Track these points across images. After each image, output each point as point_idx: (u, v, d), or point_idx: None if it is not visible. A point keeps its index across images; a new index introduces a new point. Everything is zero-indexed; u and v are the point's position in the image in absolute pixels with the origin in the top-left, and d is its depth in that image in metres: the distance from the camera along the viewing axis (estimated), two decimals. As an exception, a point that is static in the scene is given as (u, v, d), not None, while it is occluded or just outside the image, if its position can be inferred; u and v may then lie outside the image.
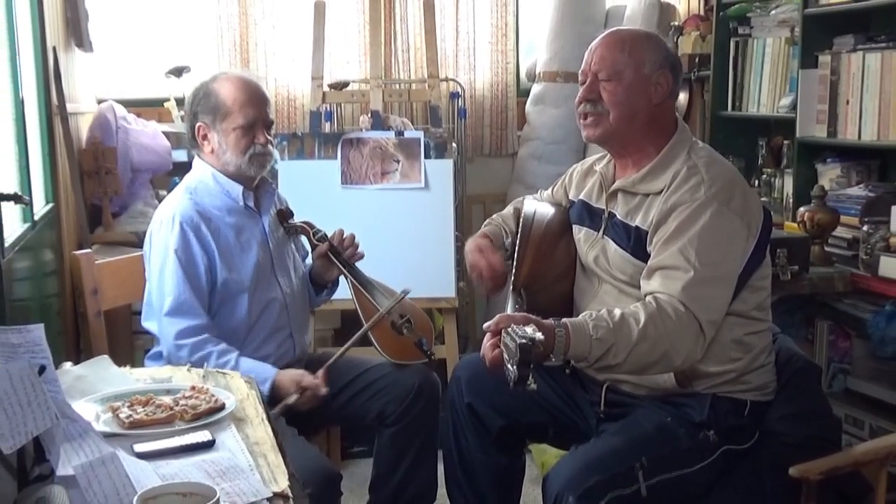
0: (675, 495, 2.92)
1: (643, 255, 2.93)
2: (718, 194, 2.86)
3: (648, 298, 2.78)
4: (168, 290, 3.34)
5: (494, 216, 3.57)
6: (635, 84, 3.00)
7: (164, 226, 3.39)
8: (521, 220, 3.29)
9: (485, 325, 2.66)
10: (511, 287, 3.11)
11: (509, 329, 2.49)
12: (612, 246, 3.06)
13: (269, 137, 3.50)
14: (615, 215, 3.08)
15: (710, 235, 2.81)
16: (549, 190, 3.53)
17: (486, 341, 2.64)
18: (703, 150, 3.04)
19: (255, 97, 3.47)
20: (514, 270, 3.14)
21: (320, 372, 3.39)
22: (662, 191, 2.94)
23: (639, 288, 2.91)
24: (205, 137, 3.47)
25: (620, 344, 2.66)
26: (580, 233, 3.23)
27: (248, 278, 3.45)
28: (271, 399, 3.26)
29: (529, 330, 2.45)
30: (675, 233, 2.84)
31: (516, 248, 3.20)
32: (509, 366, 2.46)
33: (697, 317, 2.73)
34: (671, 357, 2.73)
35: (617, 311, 2.71)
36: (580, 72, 3.11)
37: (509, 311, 2.91)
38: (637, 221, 2.99)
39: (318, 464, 3.12)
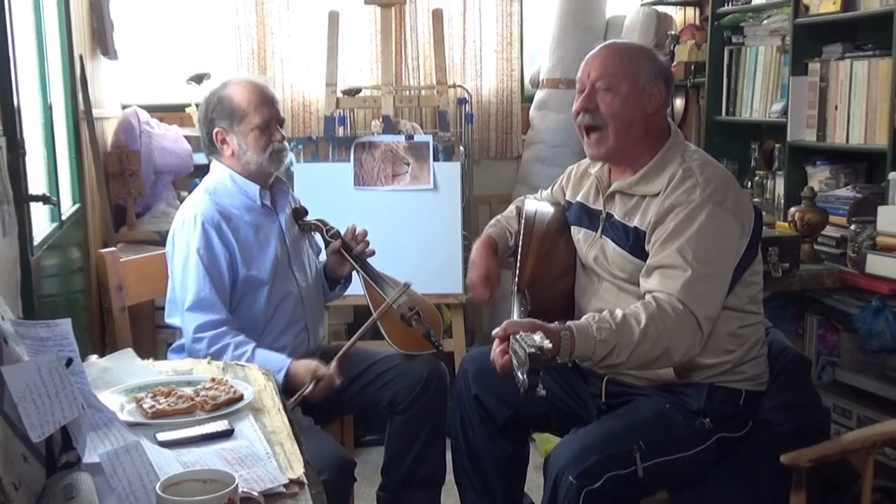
0: (671, 478, 2.93)
1: (642, 254, 2.93)
2: (713, 195, 2.86)
3: (648, 297, 2.78)
4: (190, 286, 3.34)
5: (499, 217, 3.56)
6: (631, 95, 2.98)
7: (186, 225, 3.39)
8: (523, 220, 3.28)
9: (493, 333, 2.65)
10: (515, 288, 3.10)
11: (518, 336, 2.49)
12: (610, 245, 3.05)
13: (283, 133, 3.51)
14: (613, 216, 3.07)
15: (707, 235, 2.81)
16: (549, 189, 3.52)
17: (496, 347, 2.65)
18: (696, 153, 3.04)
19: (266, 97, 3.47)
20: (517, 272, 3.14)
21: (333, 363, 3.38)
22: (659, 193, 2.93)
23: (638, 285, 2.91)
24: (223, 141, 3.47)
25: (623, 344, 2.67)
26: (579, 233, 3.22)
27: (267, 273, 3.45)
28: (286, 388, 3.26)
29: (537, 338, 2.45)
30: (673, 233, 2.84)
31: (519, 249, 3.20)
32: (519, 374, 2.46)
33: (695, 313, 2.74)
34: (671, 353, 2.74)
35: (619, 313, 2.72)
36: (577, 80, 3.10)
37: (515, 313, 2.94)
38: (635, 222, 2.98)
39: (332, 451, 3.11)
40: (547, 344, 2.43)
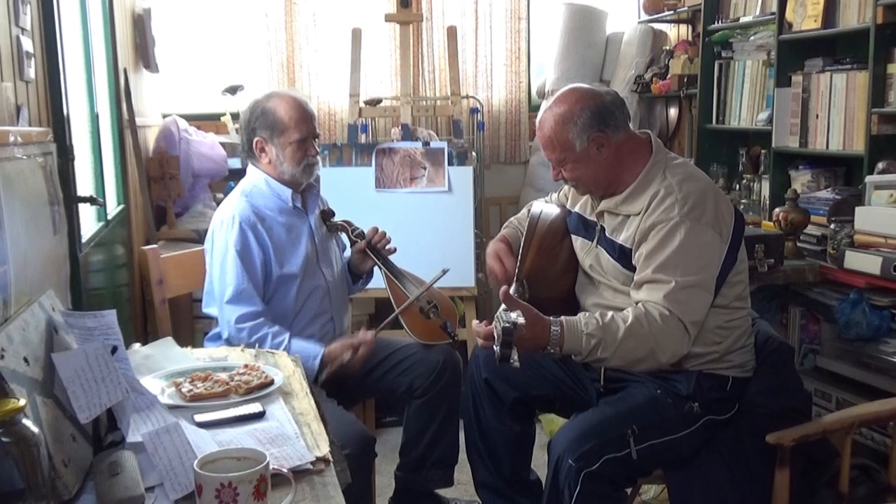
0: (663, 458, 2.92)
1: (630, 266, 2.93)
2: (691, 211, 2.82)
3: (639, 304, 2.80)
4: (229, 280, 3.34)
5: (512, 219, 3.53)
6: (578, 160, 2.97)
7: (224, 225, 3.39)
8: (529, 218, 3.28)
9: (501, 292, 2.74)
10: (515, 277, 3.10)
11: (498, 314, 2.61)
12: (605, 255, 3.04)
13: (317, 149, 3.50)
14: (605, 229, 3.06)
15: (686, 251, 2.79)
16: (558, 193, 3.51)
17: (481, 326, 2.80)
18: (678, 168, 2.98)
19: (306, 114, 3.46)
20: (518, 263, 3.13)
21: (371, 332, 3.40)
22: (641, 212, 2.91)
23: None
24: (262, 150, 3.46)
25: (608, 340, 2.70)
26: (577, 242, 3.21)
27: (298, 268, 3.44)
28: (322, 369, 3.29)
29: (514, 315, 2.57)
30: (655, 250, 2.82)
31: (521, 242, 3.19)
32: (495, 346, 2.58)
33: (681, 318, 2.74)
34: (657, 354, 2.75)
35: (609, 313, 2.76)
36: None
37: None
38: (620, 239, 2.96)
39: (355, 428, 3.11)
40: (521, 320, 2.53)
